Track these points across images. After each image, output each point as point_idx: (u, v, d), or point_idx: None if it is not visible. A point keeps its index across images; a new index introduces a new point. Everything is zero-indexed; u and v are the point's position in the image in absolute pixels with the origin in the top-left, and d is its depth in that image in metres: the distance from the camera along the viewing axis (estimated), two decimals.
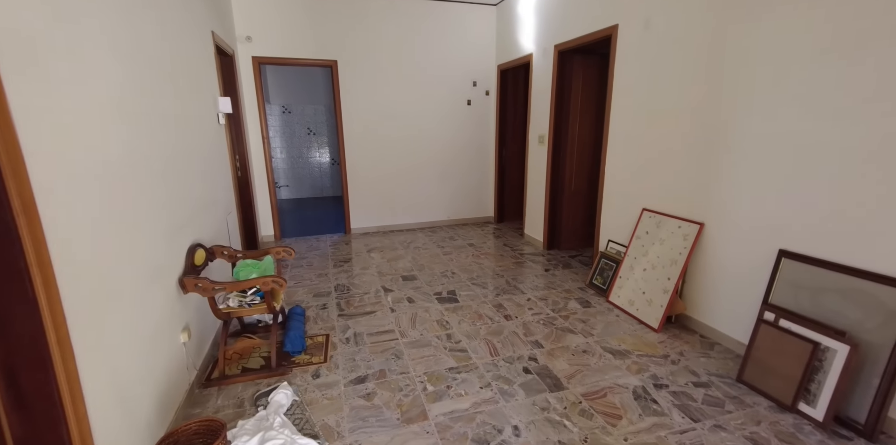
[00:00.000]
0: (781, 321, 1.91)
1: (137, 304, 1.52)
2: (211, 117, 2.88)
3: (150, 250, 1.67)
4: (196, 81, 2.56)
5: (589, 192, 4.15)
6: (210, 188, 2.67)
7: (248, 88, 4.38)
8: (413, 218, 5.25)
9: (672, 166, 2.67)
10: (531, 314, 2.81)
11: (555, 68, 3.82)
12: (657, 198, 2.82)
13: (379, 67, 4.72)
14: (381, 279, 3.47)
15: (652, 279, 2.70)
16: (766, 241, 2.12)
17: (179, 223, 2.02)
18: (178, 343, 1.88)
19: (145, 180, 1.67)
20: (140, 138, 1.65)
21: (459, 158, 5.28)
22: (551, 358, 2.27)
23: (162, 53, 1.97)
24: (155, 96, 1.84)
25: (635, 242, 2.93)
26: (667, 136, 2.69)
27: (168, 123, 1.98)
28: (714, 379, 2.06)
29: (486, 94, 5.17)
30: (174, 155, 2.03)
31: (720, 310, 2.41)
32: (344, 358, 2.29)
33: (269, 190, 4.69)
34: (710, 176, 2.40)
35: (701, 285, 2.52)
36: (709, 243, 2.44)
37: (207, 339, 2.35)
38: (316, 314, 2.85)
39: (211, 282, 1.96)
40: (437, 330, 2.59)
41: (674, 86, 2.60)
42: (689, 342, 2.42)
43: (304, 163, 7.62)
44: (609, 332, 2.56)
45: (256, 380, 2.11)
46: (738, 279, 2.29)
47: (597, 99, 3.92)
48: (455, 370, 2.17)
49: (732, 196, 2.28)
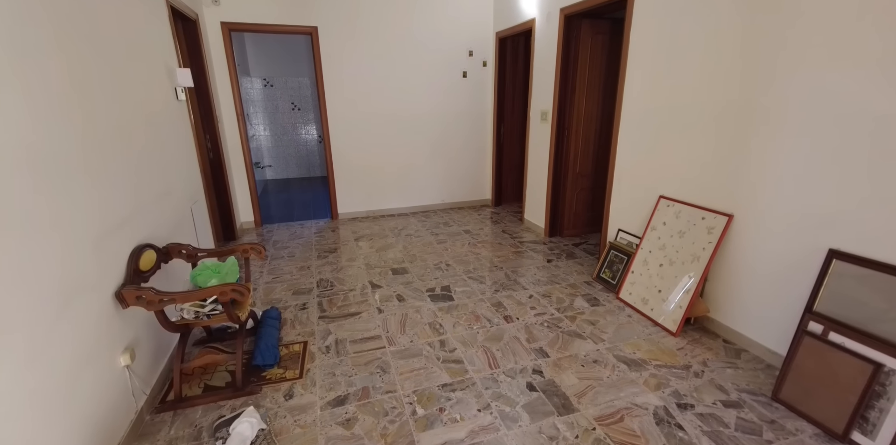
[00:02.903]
0: (832, 334, 1.63)
1: (40, 339, 1.20)
2: (164, 92, 2.48)
3: (64, 262, 1.33)
4: (138, 48, 2.14)
5: (595, 174, 3.81)
6: (164, 175, 2.30)
7: (217, 58, 3.91)
8: (405, 202, 4.90)
9: (695, 147, 2.32)
10: (534, 314, 2.53)
11: (560, 35, 3.38)
12: (677, 184, 2.49)
13: (365, 35, 4.24)
14: (368, 273, 3.17)
15: (670, 275, 2.40)
16: (811, 238, 1.81)
17: (115, 222, 1.67)
18: (117, 368, 1.58)
19: (52, 175, 1.32)
20: (39, 121, 1.28)
21: (454, 137, 4.87)
22: (558, 370, 2.00)
23: (73, 12, 1.56)
24: (63, 65, 1.46)
25: (650, 233, 2.62)
26: (689, 110, 2.33)
27: (89, 100, 1.60)
28: (746, 397, 1.80)
29: (483, 65, 4.72)
30: (102, 140, 1.66)
31: (748, 313, 2.13)
32: (322, 373, 2.01)
33: (246, 172, 4.30)
34: (742, 158, 2.07)
35: (727, 284, 2.23)
36: (738, 237, 2.14)
37: (167, 353, 2.05)
38: (294, 315, 2.55)
39: (156, 293, 1.64)
40: (429, 336, 2.31)
41: (700, 46, 2.22)
42: (711, 349, 2.15)
43: (290, 141, 7.17)
44: (622, 336, 2.29)
45: (220, 402, 1.83)
46: (772, 279, 2.00)
47: (607, 70, 3.50)
48: (449, 387, 1.90)
49: (770, 182, 1.95)
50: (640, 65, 2.66)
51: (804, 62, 1.76)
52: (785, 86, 1.84)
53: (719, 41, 2.12)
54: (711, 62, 2.18)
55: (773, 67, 1.88)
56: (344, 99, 4.35)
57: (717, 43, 2.14)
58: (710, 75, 2.19)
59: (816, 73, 1.72)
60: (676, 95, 2.41)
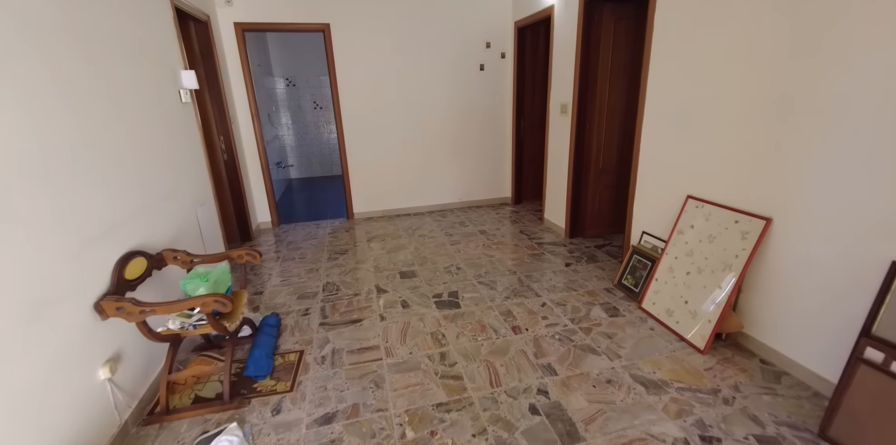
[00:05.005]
0: (895, 364, 1.36)
1: (2, 353, 1.15)
2: (167, 95, 2.45)
3: (36, 273, 1.28)
4: (137, 50, 2.11)
5: (619, 170, 3.54)
6: (163, 179, 2.27)
7: (232, 59, 3.91)
8: (421, 201, 4.77)
9: (728, 141, 2.05)
10: (545, 324, 2.34)
11: (580, 21, 3.13)
12: (707, 182, 2.22)
13: (379, 29, 4.12)
14: (376, 276, 3.07)
15: (698, 285, 2.15)
16: (869, 247, 1.53)
17: (100, 230, 1.63)
18: (96, 381, 1.54)
19: (25, 181, 1.27)
20: (15, 127, 1.23)
21: (471, 133, 4.69)
22: (566, 391, 1.82)
23: (55, 15, 1.52)
24: (45, 67, 1.41)
25: (676, 237, 2.36)
26: (723, 101, 2.06)
27: (74, 103, 1.55)
28: (786, 432, 1.56)
29: (501, 56, 4.50)
30: (93, 145, 1.62)
31: (791, 331, 1.86)
32: (314, 386, 1.92)
33: (262, 173, 4.30)
34: (784, 154, 1.79)
35: (764, 297, 1.96)
36: (778, 243, 1.86)
37: (160, 362, 2.01)
38: (295, 321, 2.48)
39: (136, 304, 1.58)
40: (429, 347, 2.17)
41: (736, 27, 1.94)
42: (745, 370, 1.90)
43: (312, 139, 7.20)
44: (641, 352, 2.07)
45: (207, 415, 1.77)
46: (819, 293, 1.73)
47: (631, 58, 3.22)
48: (444, 406, 1.75)
49: (817, 182, 1.68)
50: (666, 51, 2.39)
51: (868, 43, 1.48)
52: (843, 70, 1.56)
53: (760, 21, 1.84)
54: (750, 46, 1.90)
55: (828, 48, 1.60)
56: (358, 96, 4.26)
57: (756, 23, 1.86)
58: (747, 61, 1.92)
59: (883, 55, 1.44)
60: (707, 84, 2.14)
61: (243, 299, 2.05)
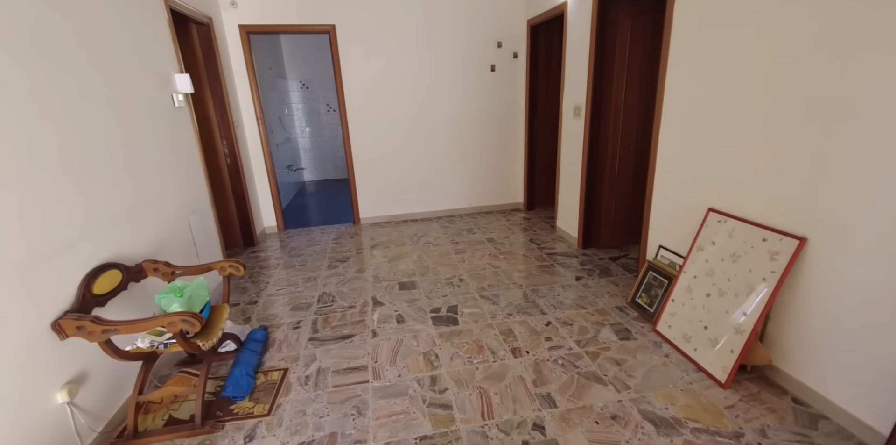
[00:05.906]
0: None
1: None
2: (157, 99, 2.37)
3: None
4: (120, 53, 2.03)
5: (636, 176, 3.30)
6: (148, 186, 2.19)
7: (237, 62, 3.85)
8: (429, 206, 4.62)
9: (757, 150, 1.82)
10: (548, 347, 2.15)
11: (594, 17, 2.92)
12: (731, 194, 1.99)
13: (385, 30, 4.00)
14: (374, 287, 2.93)
15: (719, 309, 1.92)
16: None
17: (58, 244, 1.53)
18: (53, 405, 1.44)
19: None
20: None
21: (482, 136, 4.52)
22: (565, 427, 1.63)
23: (25, 15, 1.43)
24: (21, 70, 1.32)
25: (696, 254, 2.13)
26: (752, 104, 1.83)
27: (34, 106, 1.46)
28: None
29: (513, 56, 4.31)
30: (66, 152, 1.53)
31: (830, 367, 1.62)
32: (293, 410, 1.78)
33: (268, 177, 4.23)
34: (823, 166, 1.56)
35: (798, 327, 1.72)
36: (814, 267, 1.63)
37: (133, 380, 1.91)
38: (284, 335, 2.36)
39: (98, 323, 1.48)
40: (420, 369, 2.02)
41: (771, 20, 1.71)
42: (775, 411, 1.67)
43: (325, 142, 7.16)
44: (653, 383, 1.85)
45: (177, 440, 1.66)
46: (867, 327, 1.49)
47: (649, 57, 2.99)
48: (428, 440, 1.59)
49: (864, 199, 1.44)
50: (687, 48, 2.16)
51: None
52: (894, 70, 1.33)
53: (798, 12, 1.62)
54: (785, 41, 1.67)
55: (879, 43, 1.37)
56: (364, 98, 4.15)
57: (794, 14, 1.63)
58: (781, 59, 1.69)
59: None
60: (734, 85, 1.91)
61: (224, 314, 1.94)
